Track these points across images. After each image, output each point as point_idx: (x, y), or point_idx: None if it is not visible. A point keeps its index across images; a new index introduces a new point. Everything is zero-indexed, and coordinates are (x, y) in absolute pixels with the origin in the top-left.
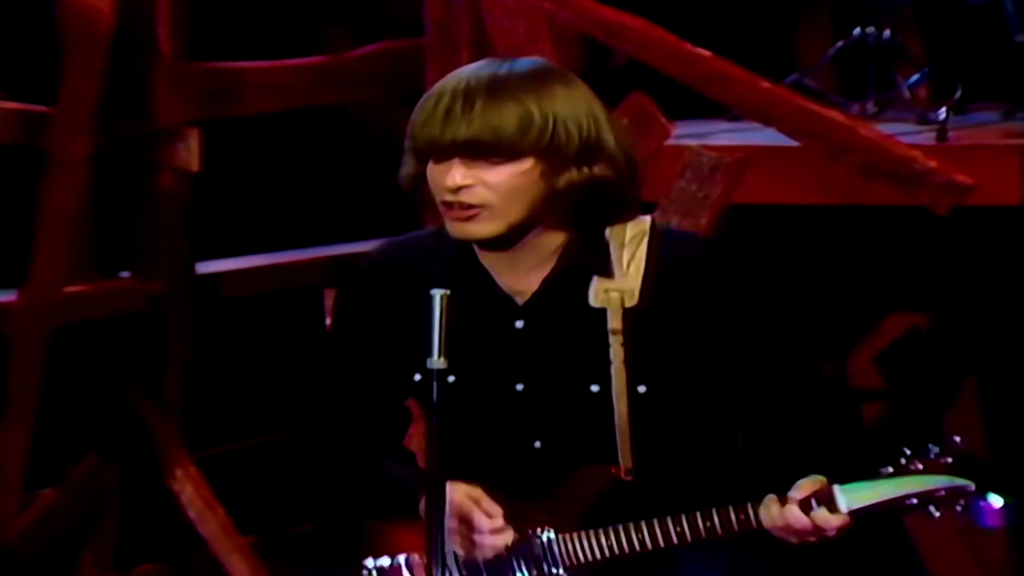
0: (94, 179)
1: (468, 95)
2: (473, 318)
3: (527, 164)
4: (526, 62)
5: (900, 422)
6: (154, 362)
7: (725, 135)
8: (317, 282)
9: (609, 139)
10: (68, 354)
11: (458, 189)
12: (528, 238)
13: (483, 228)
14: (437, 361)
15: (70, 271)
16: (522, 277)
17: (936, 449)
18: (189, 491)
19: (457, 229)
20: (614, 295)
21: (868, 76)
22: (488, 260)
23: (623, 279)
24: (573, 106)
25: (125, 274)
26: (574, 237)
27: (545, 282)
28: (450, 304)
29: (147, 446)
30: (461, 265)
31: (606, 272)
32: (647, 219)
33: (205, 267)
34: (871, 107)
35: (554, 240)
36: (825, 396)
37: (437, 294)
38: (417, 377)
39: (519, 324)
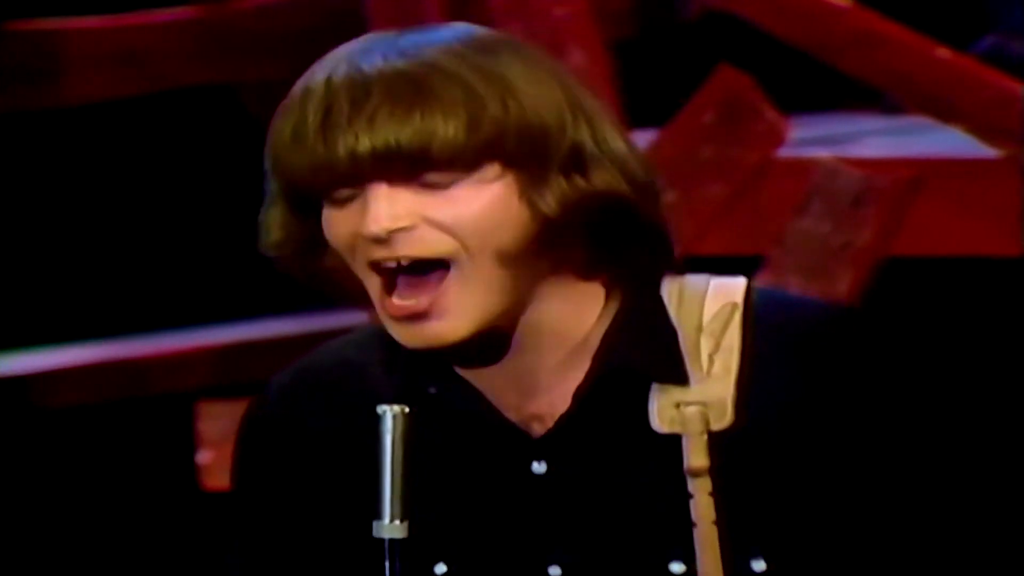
0: None
1: (360, 85)
2: (460, 464)
3: (491, 175)
4: (447, 30)
5: None
6: None
7: (877, 140)
8: (187, 387)
9: (614, 137)
10: None
11: (391, 236)
12: (530, 320)
13: (454, 325)
14: (389, 527)
15: None
16: (533, 391)
17: None
18: None
19: (409, 335)
20: (692, 412)
21: None
22: (468, 366)
23: (704, 385)
24: (545, 89)
25: None
26: (618, 314)
27: (578, 398)
28: (409, 428)
29: None
30: (430, 378)
31: (675, 375)
32: (738, 284)
33: (6, 363)
34: None
35: (580, 319)
36: None
37: (388, 413)
38: None
39: (538, 468)
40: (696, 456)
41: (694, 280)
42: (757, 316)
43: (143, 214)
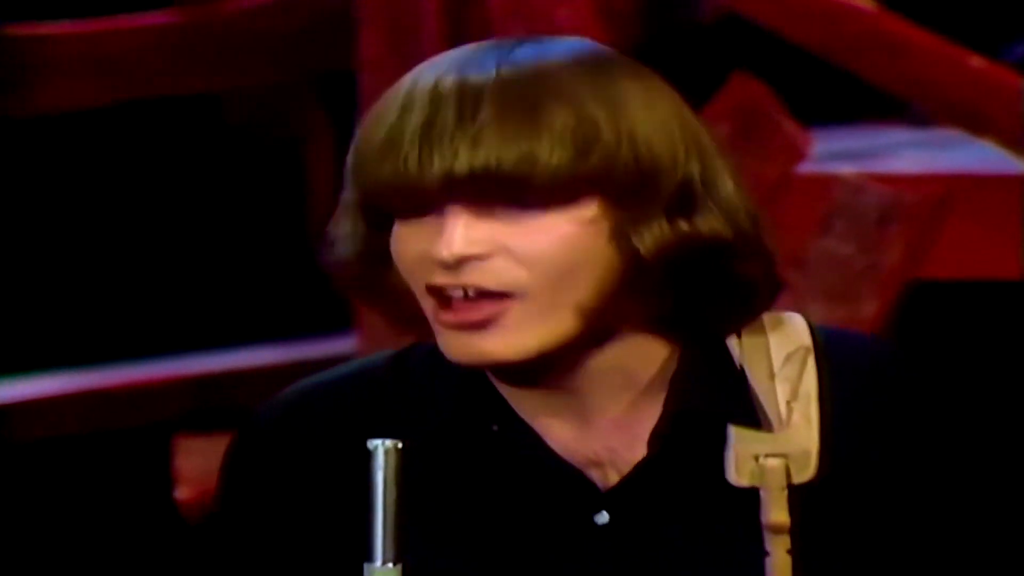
0: None
1: (467, 94)
2: (514, 508)
3: (589, 210)
4: (567, 44)
5: None
6: None
7: (904, 154)
8: (165, 418)
9: (724, 179)
10: None
11: (461, 262)
12: (597, 359)
13: (512, 342)
14: (380, 570)
15: None
16: (592, 436)
17: None
18: None
19: (461, 347)
20: (774, 464)
21: None
22: (526, 404)
23: (785, 435)
24: (661, 118)
25: None
26: (683, 356)
27: (654, 442)
28: (401, 464)
29: None
30: (475, 417)
31: (754, 419)
32: (798, 322)
33: None
34: None
35: (646, 362)
36: None
37: (380, 448)
38: None
39: (601, 519)
40: (776, 512)
41: None
42: (829, 360)
43: (116, 239)
